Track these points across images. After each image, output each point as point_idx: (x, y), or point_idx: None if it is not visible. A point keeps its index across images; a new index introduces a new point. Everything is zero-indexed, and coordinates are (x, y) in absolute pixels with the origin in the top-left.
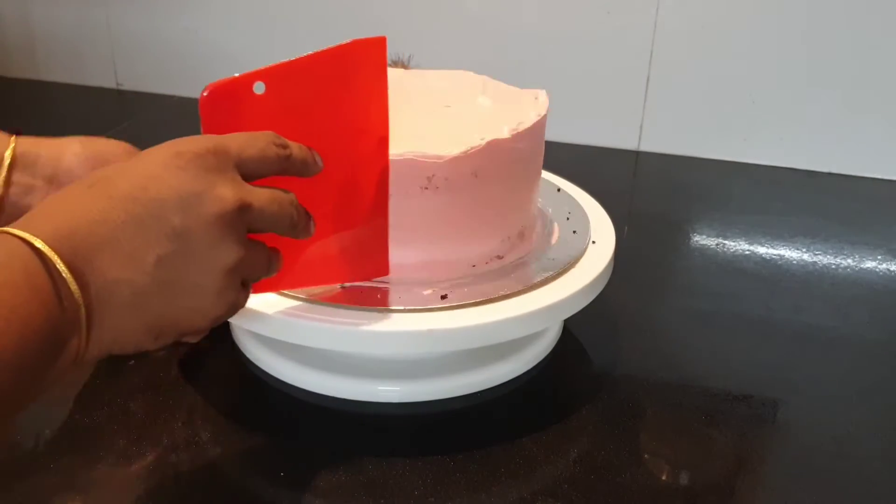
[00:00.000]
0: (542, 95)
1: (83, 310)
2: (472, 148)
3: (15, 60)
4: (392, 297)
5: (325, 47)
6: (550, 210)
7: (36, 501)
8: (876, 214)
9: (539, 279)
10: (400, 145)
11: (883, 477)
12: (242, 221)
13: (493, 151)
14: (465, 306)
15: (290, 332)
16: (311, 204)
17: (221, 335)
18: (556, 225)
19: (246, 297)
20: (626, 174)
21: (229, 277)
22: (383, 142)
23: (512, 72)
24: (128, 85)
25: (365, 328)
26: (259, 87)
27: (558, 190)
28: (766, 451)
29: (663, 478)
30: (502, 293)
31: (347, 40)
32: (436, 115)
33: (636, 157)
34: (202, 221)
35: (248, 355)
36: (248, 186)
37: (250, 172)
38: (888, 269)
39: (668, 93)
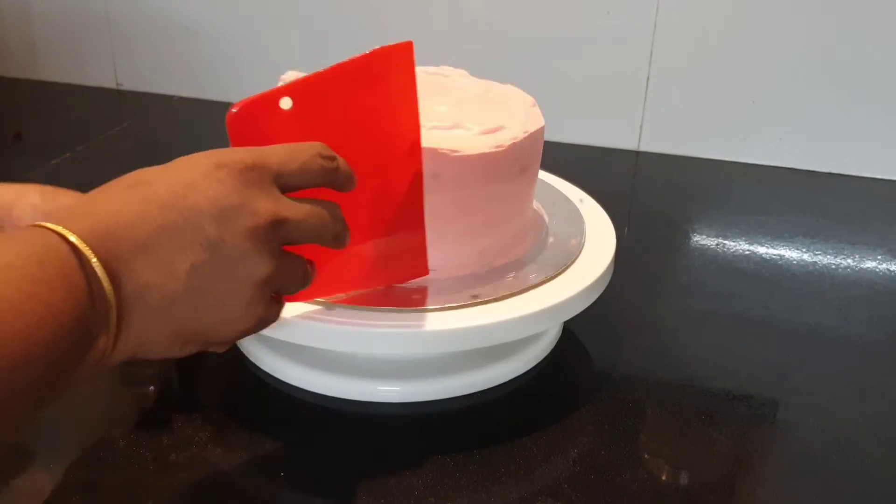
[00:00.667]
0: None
1: (114, 310)
2: (481, 147)
3: (15, 60)
4: (391, 297)
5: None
6: (550, 210)
7: (36, 501)
8: (876, 214)
9: (539, 280)
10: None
11: (883, 477)
12: (276, 236)
13: (499, 153)
14: (466, 307)
15: (291, 333)
16: (346, 213)
17: None
18: (554, 225)
19: (278, 311)
20: (626, 174)
21: (259, 291)
22: (415, 146)
23: (512, 72)
24: (128, 85)
25: (364, 328)
26: (286, 103)
27: (552, 190)
28: (766, 451)
29: (663, 478)
30: (502, 294)
31: (374, 48)
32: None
33: (636, 157)
34: (236, 234)
35: (248, 355)
36: (285, 201)
37: (291, 185)
38: (888, 269)
39: (668, 93)
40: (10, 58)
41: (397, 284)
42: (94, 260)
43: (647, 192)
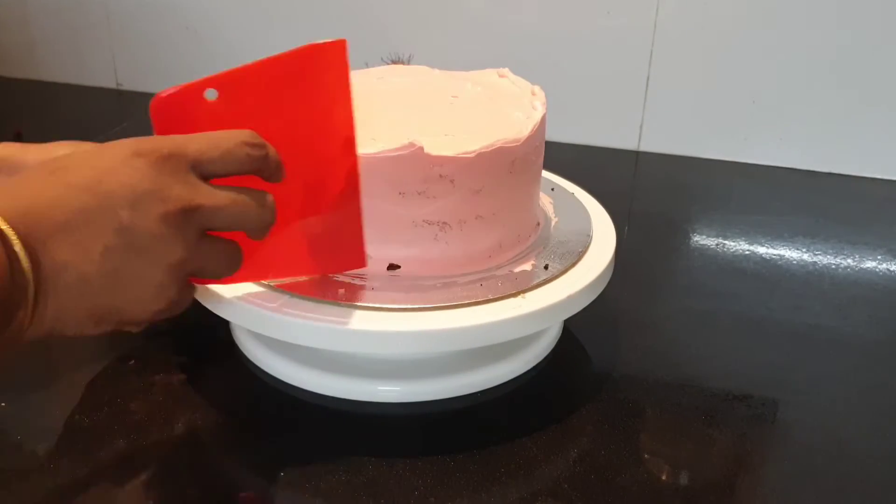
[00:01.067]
0: (539, 94)
1: (32, 285)
2: (483, 148)
3: (15, 60)
4: (391, 296)
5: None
6: (549, 210)
7: (36, 501)
8: (876, 214)
9: (539, 279)
10: (408, 138)
11: (883, 477)
12: (190, 222)
13: (501, 153)
14: (465, 306)
15: (290, 332)
16: (278, 203)
17: (221, 335)
18: (554, 224)
19: (190, 295)
20: (626, 174)
21: (171, 274)
22: (349, 142)
23: (512, 72)
24: (128, 85)
25: (364, 328)
26: (211, 94)
27: (552, 189)
28: (766, 451)
29: (663, 478)
30: (502, 293)
31: (305, 44)
32: (442, 109)
33: (636, 157)
34: (148, 219)
35: (248, 355)
36: (203, 188)
37: (213, 172)
38: (888, 269)
39: (668, 93)
40: (9, 57)
41: (386, 285)
42: (14, 238)
43: (647, 192)
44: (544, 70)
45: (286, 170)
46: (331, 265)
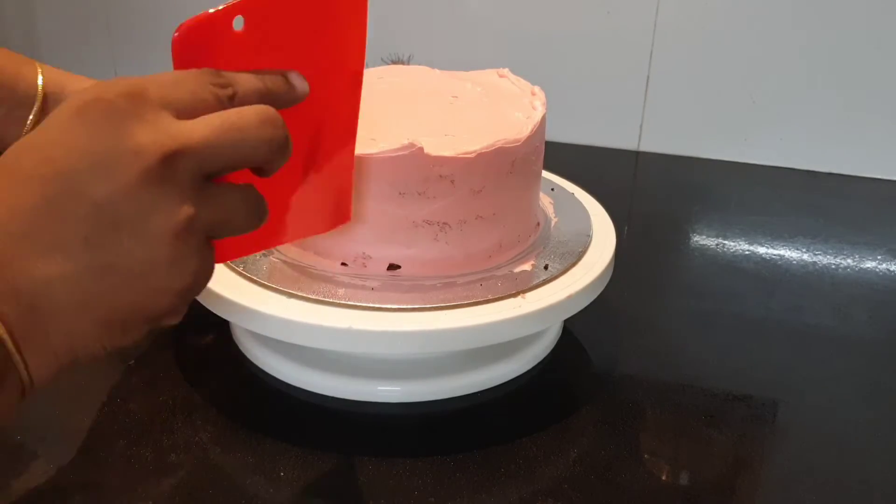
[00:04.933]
0: (540, 94)
1: (6, 333)
2: (483, 148)
3: None
4: (391, 296)
5: None
6: (549, 210)
7: (36, 501)
8: (876, 214)
9: (539, 279)
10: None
11: (883, 477)
12: (182, 170)
13: (501, 153)
14: (465, 306)
15: (290, 332)
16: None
17: (221, 335)
18: (554, 224)
19: (213, 260)
20: (626, 174)
21: (181, 242)
22: (357, 78)
23: (512, 72)
24: None
25: (364, 328)
26: (238, 23)
27: (552, 189)
28: (766, 451)
29: (663, 478)
30: (502, 293)
31: None
32: (442, 109)
33: (636, 157)
34: (125, 184)
35: (248, 355)
36: (179, 123)
37: (184, 117)
38: (888, 269)
39: (668, 93)
40: None
41: (385, 285)
42: None
43: (647, 192)
44: (544, 70)
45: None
46: (321, 222)
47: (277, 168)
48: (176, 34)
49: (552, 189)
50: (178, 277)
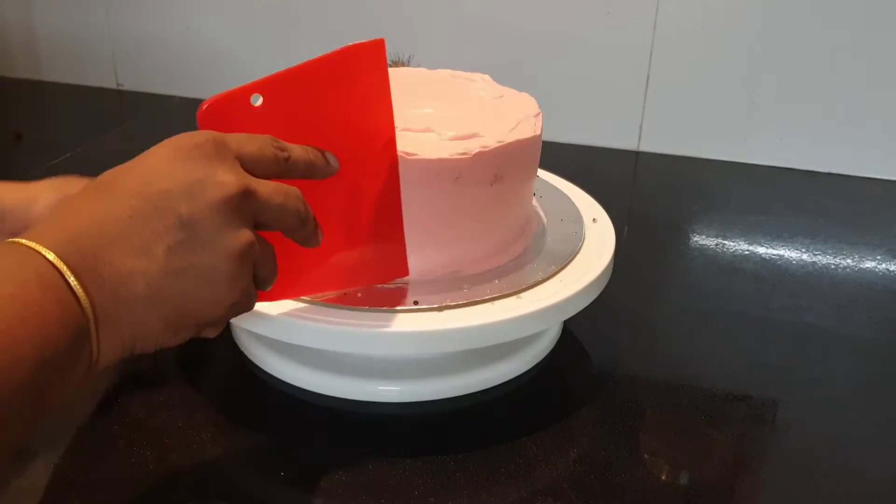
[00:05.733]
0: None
1: (90, 310)
2: (482, 148)
3: (17, 61)
4: (389, 298)
5: (324, 51)
6: (549, 210)
7: (36, 501)
8: (876, 214)
9: (539, 279)
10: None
11: (883, 477)
12: (247, 207)
13: (500, 153)
14: (464, 306)
15: (291, 333)
16: (322, 211)
17: (221, 335)
18: (554, 225)
19: (256, 293)
20: (626, 174)
21: (240, 262)
22: (391, 143)
23: (512, 72)
24: (128, 85)
25: (364, 329)
26: (256, 100)
27: (551, 189)
28: (766, 451)
29: (663, 478)
30: (502, 293)
31: (345, 45)
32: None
33: (636, 157)
34: (207, 208)
35: (248, 355)
36: (250, 176)
37: (250, 169)
38: (888, 269)
39: (668, 93)
40: (11, 58)
41: (385, 285)
42: (65, 269)
43: (647, 192)
44: (544, 70)
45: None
46: (375, 275)
47: (302, 235)
48: (201, 109)
49: (551, 189)
50: (232, 292)
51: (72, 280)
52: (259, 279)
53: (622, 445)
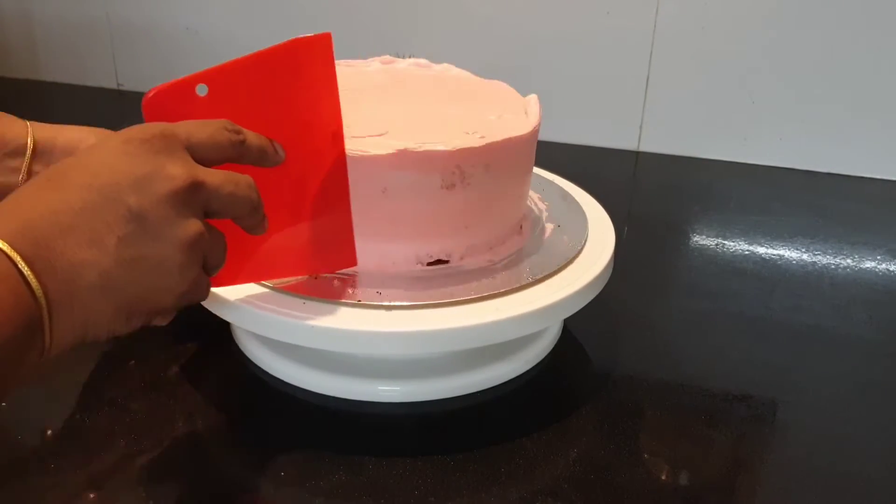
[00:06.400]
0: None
1: (43, 299)
2: (482, 144)
3: (16, 60)
4: (390, 295)
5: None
6: (548, 210)
7: (36, 501)
8: (876, 214)
9: (538, 278)
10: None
11: (883, 477)
12: (197, 198)
13: (497, 148)
14: (464, 304)
15: (291, 333)
16: (267, 199)
17: (221, 335)
18: (554, 225)
19: (208, 283)
20: (626, 174)
21: (190, 252)
22: (337, 136)
23: (512, 72)
24: (128, 85)
25: (363, 328)
26: (202, 90)
27: (551, 189)
28: (766, 451)
29: (663, 478)
30: (501, 292)
31: (291, 38)
32: (439, 107)
33: (636, 158)
34: (156, 200)
35: (248, 355)
36: (200, 167)
37: (202, 157)
38: (888, 269)
39: (668, 93)
40: (11, 58)
41: (383, 285)
42: (18, 259)
43: (647, 193)
44: (544, 70)
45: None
46: (323, 264)
47: (252, 222)
48: (146, 98)
49: (551, 189)
50: (182, 281)
51: (25, 269)
52: (208, 266)
53: (622, 445)
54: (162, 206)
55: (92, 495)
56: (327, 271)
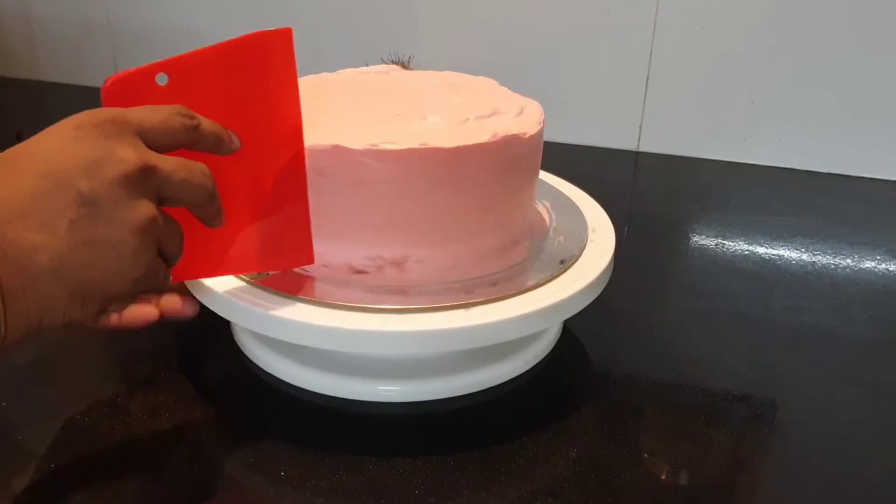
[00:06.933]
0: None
1: None
2: (482, 142)
3: (16, 60)
4: (390, 296)
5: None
6: (549, 210)
7: (36, 501)
8: (876, 214)
9: (539, 279)
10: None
11: (883, 477)
12: (149, 183)
13: (500, 147)
14: (464, 306)
15: (291, 332)
16: (224, 192)
17: (221, 335)
18: (554, 225)
19: (165, 268)
20: (626, 174)
21: (143, 237)
22: (296, 131)
23: (512, 73)
24: None
25: (364, 328)
26: (161, 79)
27: (551, 189)
28: (766, 451)
29: (663, 478)
30: (502, 293)
31: (254, 31)
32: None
33: (636, 158)
34: (107, 184)
35: (248, 355)
36: (151, 152)
37: (155, 142)
38: (888, 269)
39: (668, 93)
40: (11, 58)
41: (383, 285)
42: None
43: (647, 193)
44: (544, 70)
45: (233, 158)
46: (280, 261)
47: (207, 212)
48: (104, 86)
49: (551, 189)
50: (136, 266)
51: None
52: (165, 255)
53: (622, 445)
54: (113, 190)
55: (92, 496)
56: (284, 268)
